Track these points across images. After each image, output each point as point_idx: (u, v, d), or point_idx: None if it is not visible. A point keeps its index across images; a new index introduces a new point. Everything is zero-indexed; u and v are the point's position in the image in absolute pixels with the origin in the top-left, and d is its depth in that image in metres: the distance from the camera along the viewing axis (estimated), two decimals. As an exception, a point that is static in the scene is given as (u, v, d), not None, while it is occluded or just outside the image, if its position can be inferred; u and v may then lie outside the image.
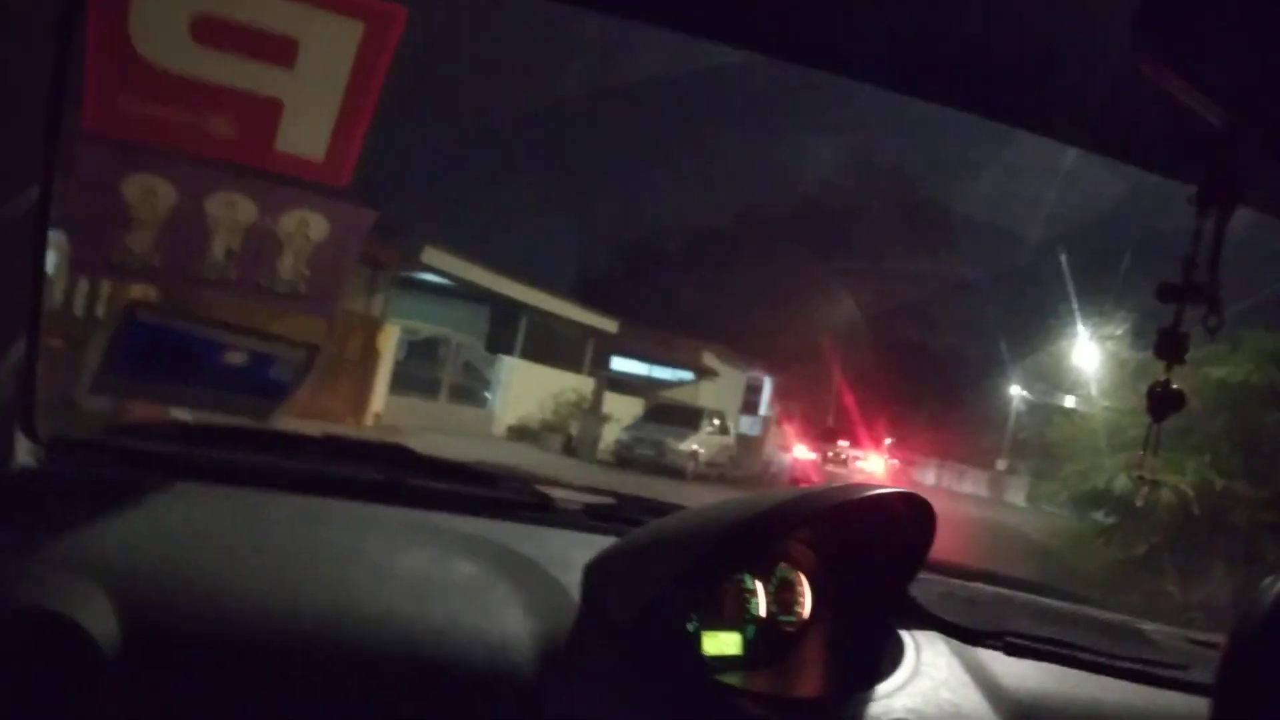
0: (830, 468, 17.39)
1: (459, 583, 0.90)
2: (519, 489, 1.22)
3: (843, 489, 0.98)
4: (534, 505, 1.17)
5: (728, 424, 16.96)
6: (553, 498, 1.21)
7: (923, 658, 1.01)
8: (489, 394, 15.67)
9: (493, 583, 0.91)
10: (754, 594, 1.04)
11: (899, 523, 1.00)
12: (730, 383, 20.80)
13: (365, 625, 0.80)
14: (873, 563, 1.05)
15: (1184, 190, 0.88)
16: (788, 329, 21.03)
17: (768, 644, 1.03)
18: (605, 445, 14.90)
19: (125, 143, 1.07)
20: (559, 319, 16.56)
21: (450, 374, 15.34)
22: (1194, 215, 0.83)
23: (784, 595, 1.07)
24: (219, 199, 1.09)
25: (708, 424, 15.63)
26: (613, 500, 1.27)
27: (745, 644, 1.02)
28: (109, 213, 1.06)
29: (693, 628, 0.97)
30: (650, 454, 13.94)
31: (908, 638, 1.04)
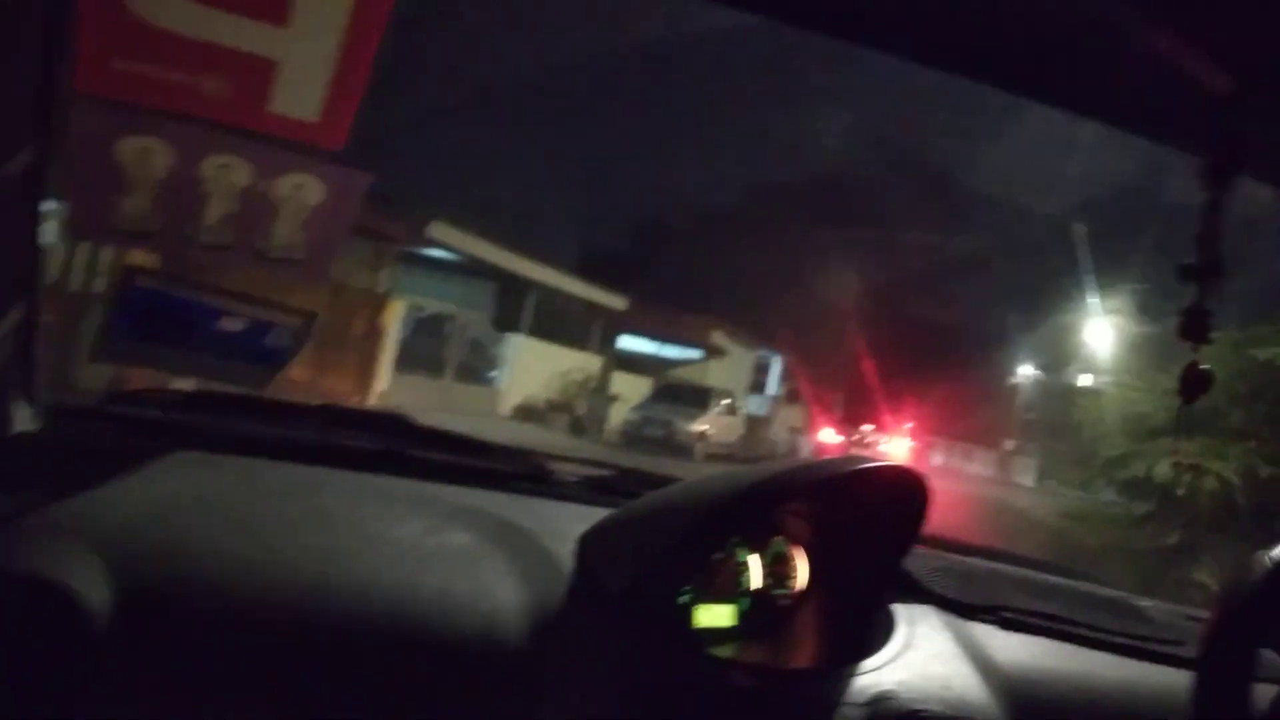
0: (855, 451, 17.66)
1: (453, 553, 0.91)
2: (516, 460, 1.23)
3: (837, 461, 0.98)
4: (531, 477, 1.18)
5: (737, 404, 17.00)
6: (550, 470, 1.22)
7: (916, 631, 1.01)
8: (495, 372, 15.72)
9: (487, 553, 0.92)
10: (748, 567, 1.05)
11: (894, 496, 1.00)
12: (739, 361, 20.79)
13: (358, 594, 0.81)
14: (868, 536, 1.06)
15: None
16: (796, 307, 20.96)
17: (761, 617, 1.04)
18: (613, 425, 14.96)
19: (119, 104, 1.07)
20: (567, 296, 16.55)
21: (456, 352, 15.38)
22: (1204, 190, 0.83)
23: (779, 568, 1.07)
24: (213, 161, 1.10)
25: (717, 404, 15.66)
26: (611, 473, 1.28)
27: (739, 616, 1.03)
28: (105, 175, 1.07)
29: (686, 600, 0.98)
30: (659, 434, 14.00)
31: (902, 611, 1.04)
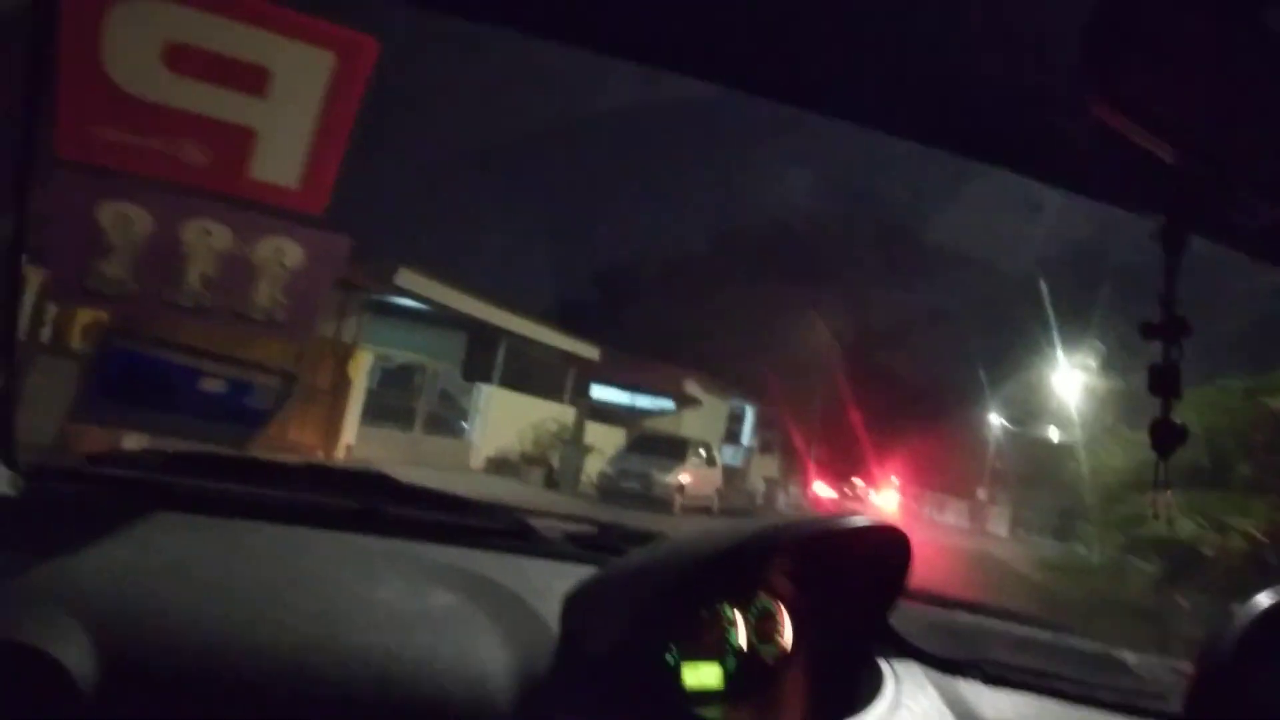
0: (848, 504, 18.29)
1: (437, 614, 0.92)
2: (499, 517, 1.24)
3: (821, 520, 1.02)
4: (514, 534, 1.20)
5: (715, 454, 17.00)
6: (533, 526, 1.23)
7: (903, 689, 1.03)
8: (466, 424, 15.62)
9: (471, 614, 0.93)
10: (734, 624, 1.06)
11: (877, 552, 1.03)
12: (713, 411, 20.91)
13: (342, 659, 0.82)
14: (852, 592, 1.08)
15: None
16: (769, 358, 21.25)
17: (748, 675, 1.05)
18: (588, 477, 14.88)
19: (99, 169, 1.11)
20: (539, 346, 16.59)
21: (426, 403, 15.29)
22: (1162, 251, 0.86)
23: (764, 625, 1.09)
24: (194, 226, 1.13)
25: (694, 455, 15.65)
26: (593, 529, 1.30)
27: (725, 676, 1.04)
28: (84, 240, 1.09)
29: (672, 659, 0.99)
30: (635, 487, 13.92)
31: (887, 668, 1.06)
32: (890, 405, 20.14)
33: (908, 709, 1.00)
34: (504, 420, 15.45)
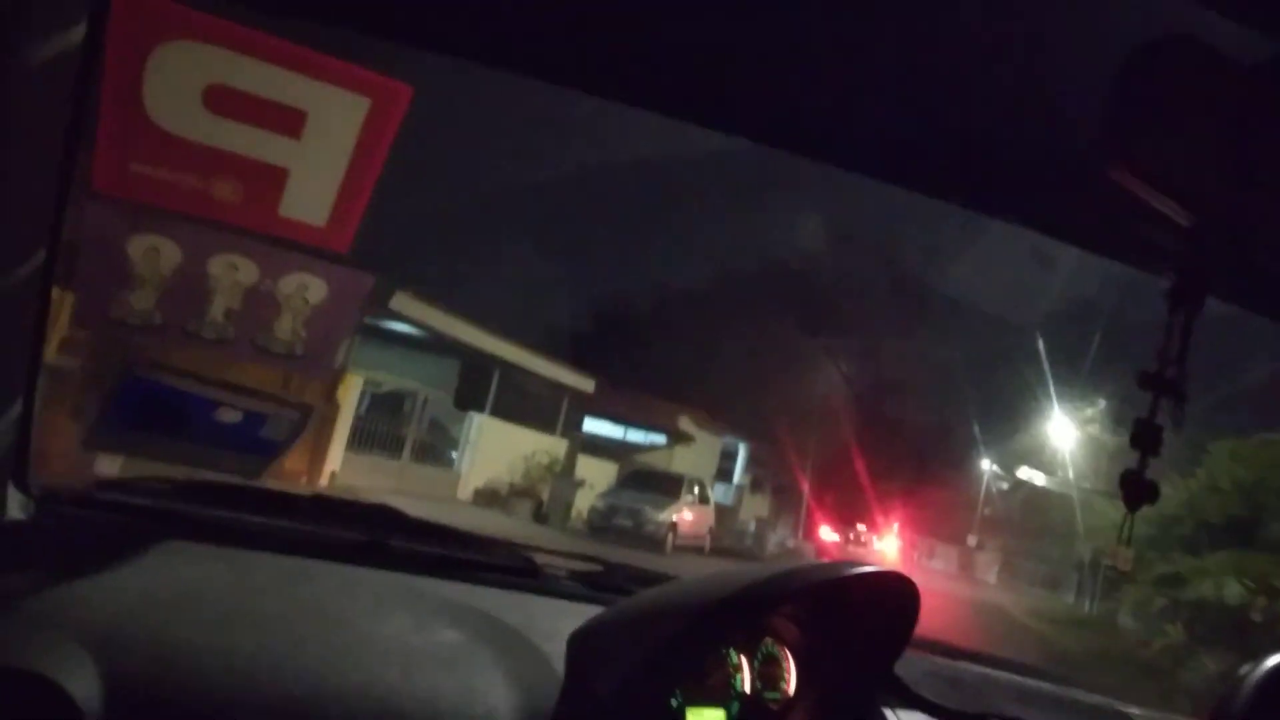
0: (851, 549, 18.67)
1: (442, 652, 0.94)
2: (506, 554, 1.27)
3: (829, 566, 1.03)
4: (520, 571, 1.23)
5: (708, 492, 16.97)
6: (539, 564, 1.26)
7: None
8: (456, 454, 15.57)
9: (476, 652, 0.95)
10: (739, 669, 1.08)
11: (884, 601, 1.05)
12: (705, 448, 20.92)
13: (347, 694, 0.84)
14: (858, 640, 1.10)
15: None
16: (764, 397, 21.37)
17: None
18: (577, 512, 14.81)
19: (132, 203, 1.16)
20: (534, 376, 16.60)
21: (415, 431, 15.24)
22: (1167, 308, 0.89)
23: (769, 671, 1.11)
24: (221, 260, 1.18)
25: (688, 492, 15.60)
26: (600, 568, 1.33)
27: None
28: (112, 270, 1.14)
29: (677, 703, 1.00)
30: (627, 523, 13.85)
31: (892, 717, 1.09)
32: (882, 449, 20.34)
33: None
34: (495, 451, 15.41)
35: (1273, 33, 0.77)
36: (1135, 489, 0.87)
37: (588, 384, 17.75)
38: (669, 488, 15.28)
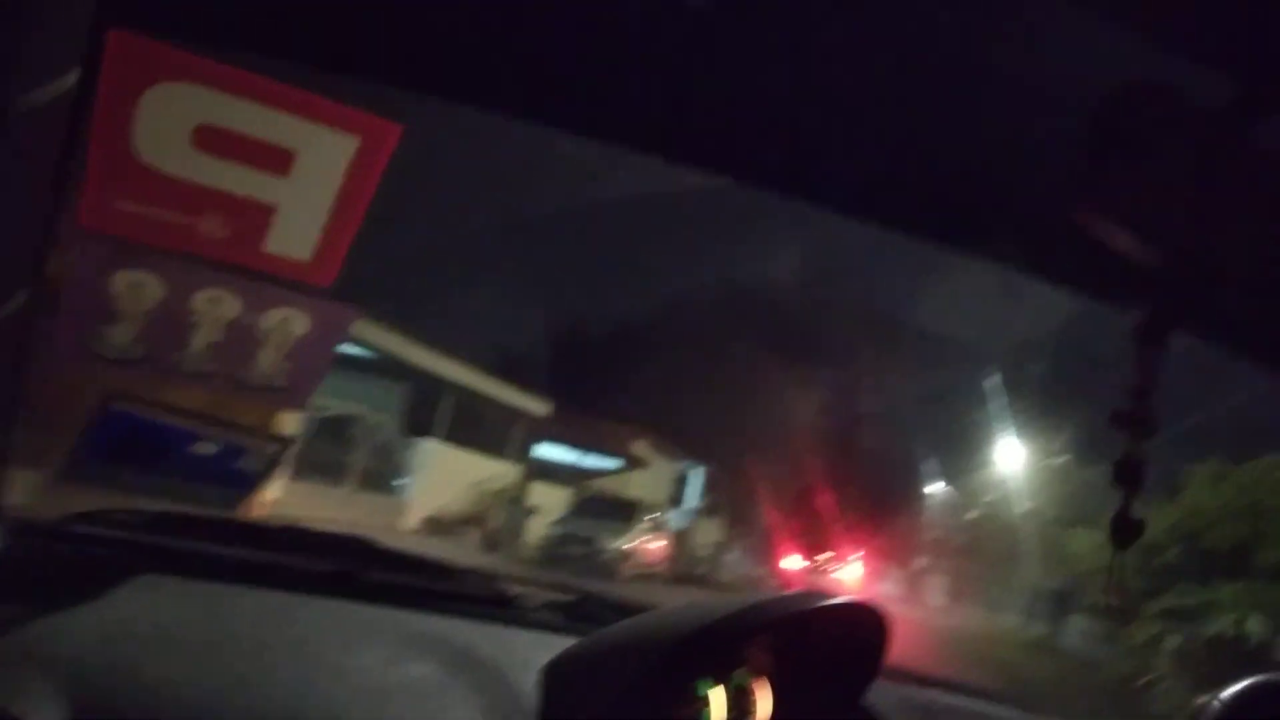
0: (814, 576, 19.06)
1: (414, 685, 0.96)
2: (480, 585, 1.32)
3: (801, 597, 1.07)
4: (494, 602, 1.28)
5: (664, 519, 17.02)
6: (513, 595, 1.31)
7: None
8: (404, 481, 15.40)
9: (449, 685, 0.98)
10: (711, 700, 1.09)
11: (855, 630, 1.10)
12: (662, 473, 21.03)
13: None
14: (830, 669, 1.14)
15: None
16: (721, 421, 21.62)
17: None
18: (530, 540, 14.74)
19: (117, 238, 1.20)
20: (487, 400, 16.52)
21: (361, 457, 15.03)
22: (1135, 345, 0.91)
23: (741, 701, 1.13)
24: (204, 295, 1.23)
25: (644, 519, 15.62)
26: (574, 598, 1.37)
27: None
28: (94, 304, 1.19)
29: None
30: (582, 551, 13.79)
31: None
32: (837, 474, 20.76)
33: None
34: (445, 477, 15.27)
35: (1235, 78, 0.82)
36: (1124, 527, 0.88)
37: (543, 407, 17.71)
38: (624, 514, 15.26)
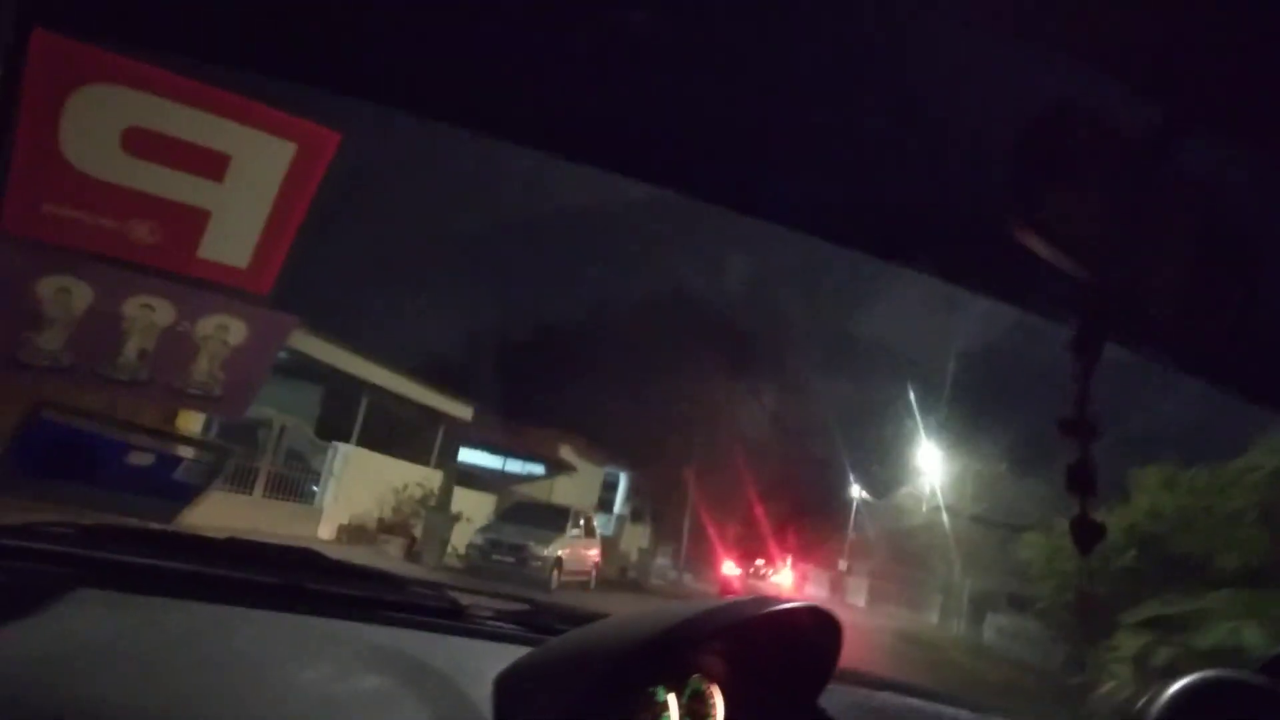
0: (752, 582, 19.75)
1: (366, 699, 0.97)
2: (430, 595, 1.34)
3: (754, 602, 1.11)
4: (445, 613, 1.30)
5: (593, 525, 17.06)
6: (464, 605, 1.34)
7: None
8: (317, 487, 15.09)
9: (401, 698, 0.99)
10: (666, 707, 1.15)
11: (808, 635, 1.15)
12: (587, 478, 21.15)
13: None
14: (783, 674, 1.19)
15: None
16: (646, 426, 21.96)
17: None
18: (453, 549, 14.62)
19: (43, 243, 1.21)
20: (406, 402, 16.30)
21: (270, 462, 14.68)
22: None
23: (696, 707, 1.18)
24: (136, 301, 1.24)
25: (574, 525, 15.61)
26: (527, 607, 1.41)
27: None
28: (19, 310, 1.19)
29: None
30: (509, 560, 13.73)
31: None
32: (760, 478, 21.37)
33: None
34: (362, 484, 15.02)
35: (1160, 101, 0.89)
36: (1086, 532, 0.92)
37: (465, 411, 17.56)
38: (553, 521, 15.24)
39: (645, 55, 1.15)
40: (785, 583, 21.84)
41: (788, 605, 1.10)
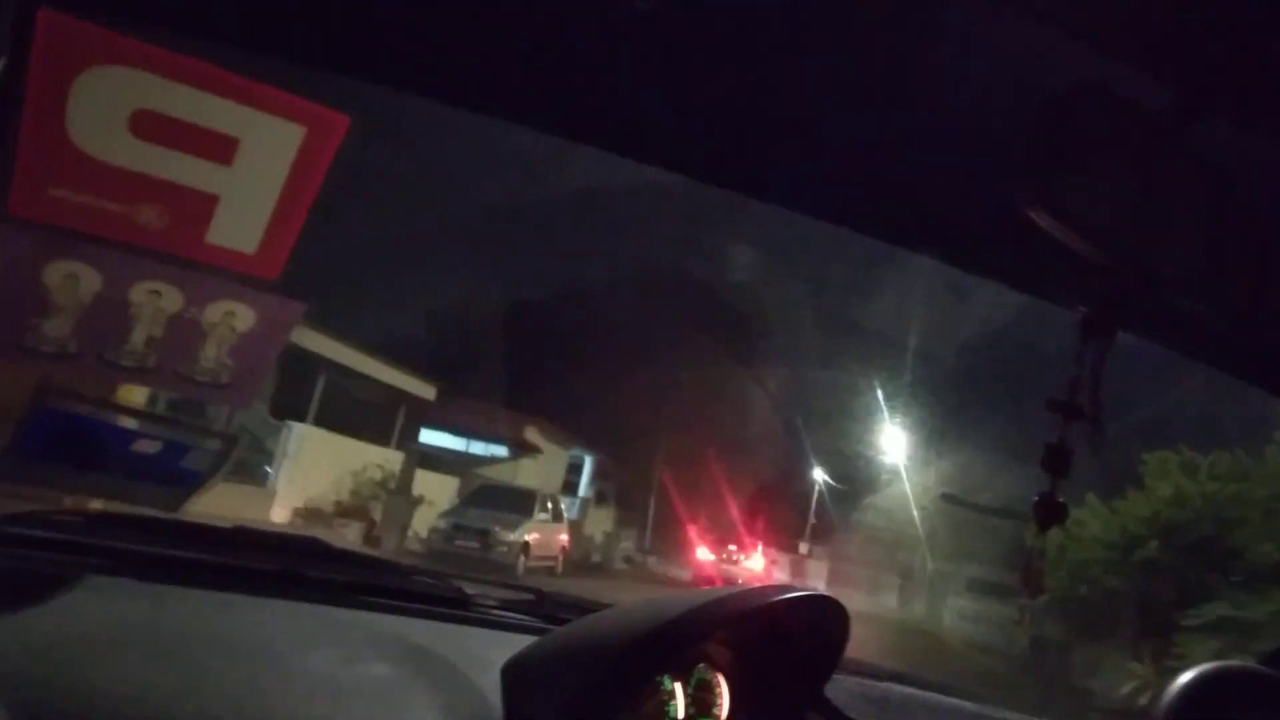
0: (725, 567, 20.78)
1: (373, 686, 1.01)
2: (435, 583, 1.39)
3: (761, 591, 1.16)
4: (450, 601, 1.35)
5: (561, 508, 17.14)
6: (468, 593, 1.39)
7: None
8: (270, 468, 14.98)
9: (408, 686, 1.02)
10: (672, 695, 1.18)
11: (814, 624, 1.19)
12: (552, 461, 21.25)
13: None
14: (789, 663, 1.23)
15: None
16: (612, 408, 22.13)
17: None
18: (415, 533, 14.62)
19: (50, 227, 1.23)
20: (366, 380, 16.21)
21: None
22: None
23: (702, 696, 1.22)
24: (144, 287, 1.27)
25: (541, 509, 15.65)
26: (531, 596, 1.46)
27: None
28: (26, 296, 1.22)
29: None
30: (474, 545, 13.73)
31: None
32: (724, 460, 21.75)
33: None
34: (318, 465, 14.93)
35: (1176, 82, 0.91)
36: (1047, 511, 0.95)
37: (428, 390, 17.50)
38: (520, 505, 15.25)
39: (651, 35, 1.16)
40: (757, 567, 22.33)
41: (795, 594, 1.14)
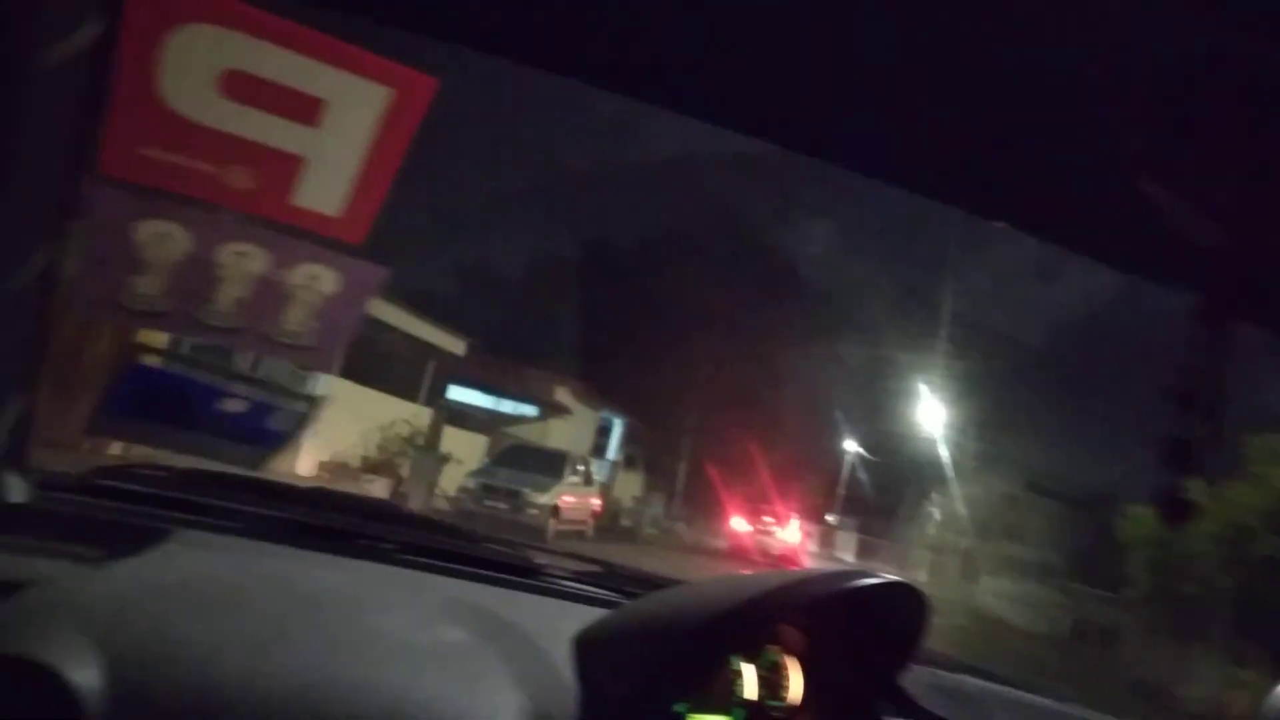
0: (760, 537, 21.15)
1: (446, 651, 1.04)
2: (507, 552, 1.46)
3: (838, 575, 1.15)
4: (521, 570, 1.41)
5: (591, 472, 17.28)
6: (539, 563, 1.45)
7: None
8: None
9: (481, 652, 1.05)
10: (743, 676, 1.19)
11: (893, 611, 1.20)
12: (582, 422, 21.41)
13: (350, 692, 0.90)
14: (864, 650, 1.24)
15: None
16: (645, 371, 22.26)
17: None
18: (442, 491, 14.84)
19: (141, 187, 1.29)
20: (394, 332, 16.36)
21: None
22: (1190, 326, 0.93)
23: (773, 678, 1.24)
24: (231, 248, 1.33)
25: (572, 472, 15.75)
26: (599, 568, 1.51)
27: None
28: (120, 255, 1.27)
29: (681, 709, 1.10)
30: (503, 506, 13.85)
31: None
32: (755, 428, 21.90)
33: None
34: (344, 418, 15.13)
35: None
36: (1174, 509, 0.95)
37: (457, 345, 17.64)
38: (551, 466, 15.35)
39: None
40: (792, 539, 22.52)
41: (874, 581, 1.14)
